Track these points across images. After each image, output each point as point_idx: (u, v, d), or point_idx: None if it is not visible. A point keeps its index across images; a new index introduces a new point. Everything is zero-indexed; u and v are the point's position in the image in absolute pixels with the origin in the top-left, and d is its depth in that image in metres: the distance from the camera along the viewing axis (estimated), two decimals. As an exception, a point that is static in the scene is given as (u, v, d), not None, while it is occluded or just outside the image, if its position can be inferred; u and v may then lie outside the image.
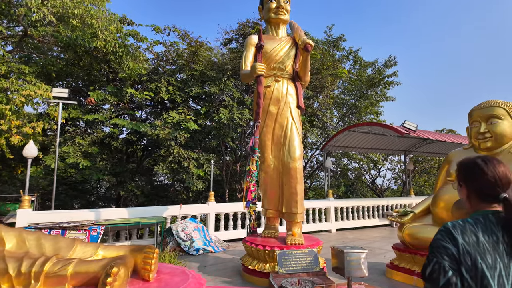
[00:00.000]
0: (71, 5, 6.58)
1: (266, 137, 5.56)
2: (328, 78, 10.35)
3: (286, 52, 5.74)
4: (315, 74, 10.18)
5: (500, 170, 1.24)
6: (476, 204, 1.28)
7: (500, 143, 4.72)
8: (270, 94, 5.57)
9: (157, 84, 9.35)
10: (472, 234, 1.16)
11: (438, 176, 5.62)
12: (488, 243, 1.14)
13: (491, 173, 1.24)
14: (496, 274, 1.11)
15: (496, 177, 1.23)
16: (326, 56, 12.67)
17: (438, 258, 1.17)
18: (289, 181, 5.23)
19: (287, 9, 5.90)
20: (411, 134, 8.48)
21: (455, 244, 1.16)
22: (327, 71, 10.53)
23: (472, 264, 1.12)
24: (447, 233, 1.20)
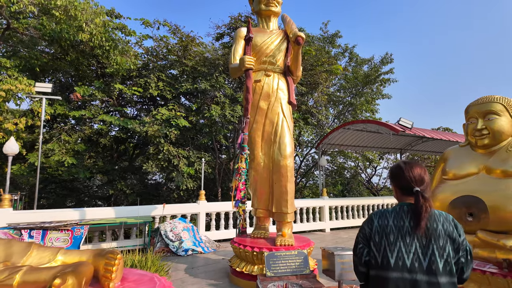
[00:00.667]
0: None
1: (256, 133, 5.36)
2: (323, 74, 10.18)
3: (277, 45, 5.54)
4: (310, 70, 10.01)
5: (416, 171, 1.64)
6: (399, 197, 1.71)
7: (497, 140, 4.55)
8: (260, 89, 5.37)
9: (146, 80, 9.11)
10: (385, 219, 1.62)
11: (434, 174, 5.46)
12: (395, 226, 1.58)
13: (407, 173, 1.64)
14: (396, 249, 1.53)
15: (411, 176, 1.62)
16: (321, 53, 12.51)
17: (358, 235, 1.72)
18: (279, 179, 5.04)
19: (278, 1, 5.70)
20: (406, 131, 8.34)
21: (371, 226, 1.66)
22: (322, 67, 10.35)
23: (378, 240, 1.59)
24: (369, 218, 1.72)
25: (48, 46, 8.79)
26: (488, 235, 3.70)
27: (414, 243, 1.51)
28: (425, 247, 1.50)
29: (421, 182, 1.61)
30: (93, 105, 9.33)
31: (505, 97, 4.61)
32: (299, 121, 9.98)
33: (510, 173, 3.91)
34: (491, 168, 4.08)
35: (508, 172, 3.92)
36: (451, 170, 4.71)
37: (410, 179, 1.61)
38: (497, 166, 4.05)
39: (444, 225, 1.58)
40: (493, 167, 4.08)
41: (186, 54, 9.86)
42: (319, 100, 10.88)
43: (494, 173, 4.03)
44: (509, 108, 4.49)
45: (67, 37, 7.44)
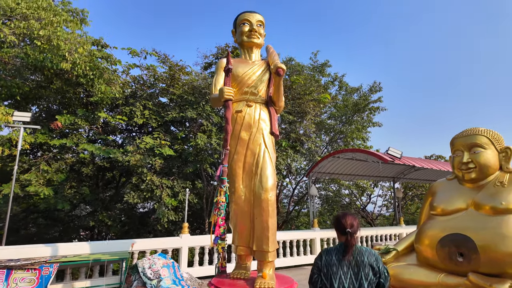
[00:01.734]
0: (37, 26, 6.32)
1: (237, 165, 5.15)
2: (310, 103, 10.20)
3: (259, 76, 5.49)
4: (298, 99, 10.04)
5: (348, 219, 2.38)
6: (339, 237, 2.44)
7: (485, 174, 4.38)
8: (241, 119, 5.24)
9: (131, 108, 9.01)
10: (330, 255, 2.35)
11: (422, 209, 5.24)
12: (336, 260, 2.29)
13: (343, 220, 2.39)
14: (338, 277, 2.24)
15: (345, 223, 2.35)
16: (310, 82, 12.65)
17: (313, 268, 2.43)
18: (261, 214, 4.78)
19: (260, 33, 5.72)
20: (395, 161, 8.21)
21: (321, 261, 2.37)
22: (310, 96, 10.40)
23: (326, 271, 2.29)
24: (319, 255, 2.44)
25: (31, 74, 8.72)
26: (480, 278, 3.43)
27: (349, 272, 2.24)
28: (356, 274, 2.23)
29: (351, 226, 2.34)
30: (75, 133, 9.13)
31: (490, 130, 4.53)
32: (288, 150, 9.86)
33: (499, 210, 3.72)
34: (480, 204, 3.89)
35: (498, 208, 3.72)
36: (439, 205, 4.50)
37: (344, 224, 2.35)
38: (486, 202, 3.87)
39: (369, 258, 2.33)
40: (482, 203, 3.89)
41: (174, 82, 9.86)
42: (307, 128, 10.84)
43: (483, 209, 3.84)
44: (494, 141, 4.37)
45: (50, 66, 7.38)
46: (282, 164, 9.07)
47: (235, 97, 5.40)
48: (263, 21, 5.86)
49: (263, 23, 5.85)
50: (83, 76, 8.02)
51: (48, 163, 8.94)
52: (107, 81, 8.94)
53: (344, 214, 2.42)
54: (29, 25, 6.30)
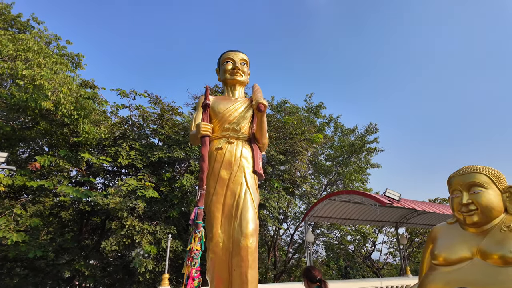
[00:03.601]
0: (21, 66, 6.32)
1: (215, 207, 4.71)
2: (302, 143, 10.00)
3: (242, 112, 5.30)
4: (290, 139, 9.85)
5: (316, 272, 3.41)
6: (310, 286, 3.38)
7: (488, 218, 3.91)
8: (221, 157, 4.92)
9: (117, 149, 8.76)
10: None
11: (422, 257, 4.66)
12: None
13: (313, 271, 3.43)
14: None
15: (316, 273, 3.39)
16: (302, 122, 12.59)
17: None
18: (239, 264, 4.24)
19: (243, 71, 5.66)
20: (394, 204, 7.72)
21: None
22: (302, 136, 10.23)
23: None
24: None
25: (15, 114, 8.63)
26: None
27: None
28: None
29: (319, 275, 3.11)
30: (56, 175, 8.77)
31: (489, 168, 4.16)
32: (280, 191, 9.41)
33: (509, 260, 3.20)
34: (487, 253, 3.39)
35: (507, 258, 3.21)
36: (441, 254, 3.97)
37: (314, 274, 3.16)
38: (493, 250, 3.37)
39: None
40: (488, 251, 3.39)
41: (163, 123, 9.75)
42: (301, 169, 10.50)
43: (490, 258, 3.33)
44: (495, 180, 3.98)
45: (34, 106, 7.28)
46: (275, 207, 8.57)
47: (216, 134, 5.17)
48: (247, 59, 5.84)
49: (247, 61, 5.83)
50: (67, 116, 7.90)
51: (24, 206, 8.45)
52: (94, 121, 8.83)
53: (313, 267, 3.20)
54: (14, 65, 6.31)
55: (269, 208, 8.49)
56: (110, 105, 9.93)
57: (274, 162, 9.09)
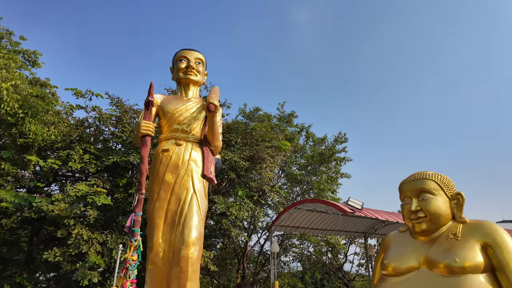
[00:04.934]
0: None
1: (158, 214, 4.36)
2: (268, 150, 9.82)
3: (193, 113, 5.02)
4: (256, 145, 9.65)
5: None
6: None
7: (437, 225, 3.78)
8: (167, 159, 4.60)
9: (69, 152, 8.17)
10: None
11: (374, 268, 4.47)
12: None
13: None
14: None
15: None
16: (275, 130, 12.48)
17: None
18: (178, 276, 3.90)
19: (198, 70, 5.40)
20: (356, 213, 7.62)
21: None
22: (269, 143, 10.06)
23: None
24: None
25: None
26: None
27: None
28: None
29: None
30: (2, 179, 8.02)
31: (439, 174, 4.07)
32: (244, 199, 9.11)
33: (455, 269, 3.04)
34: (433, 262, 3.23)
35: (453, 267, 3.06)
36: (390, 264, 3.78)
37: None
38: (439, 259, 3.21)
39: None
40: (435, 260, 3.23)
41: (122, 126, 9.26)
42: (267, 177, 10.29)
43: (437, 267, 3.17)
44: (443, 186, 3.88)
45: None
46: (237, 215, 8.25)
47: (164, 134, 4.85)
48: (203, 59, 5.60)
49: (202, 61, 5.58)
50: (12, 114, 7.27)
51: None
52: (47, 122, 8.22)
53: (245, 283, 3.01)
54: None
55: (231, 217, 8.15)
56: (63, 106, 9.33)
57: (239, 168, 8.82)
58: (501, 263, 2.84)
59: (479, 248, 3.06)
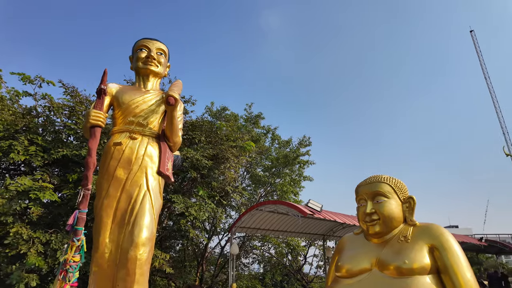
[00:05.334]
0: None
1: (106, 212, 4.06)
2: (232, 149, 9.68)
3: (152, 106, 4.75)
4: (220, 145, 9.47)
5: None
6: None
7: (389, 227, 3.87)
8: (119, 153, 4.29)
9: (11, 142, 7.44)
10: None
11: (329, 270, 4.50)
12: None
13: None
14: None
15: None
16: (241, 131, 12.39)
17: None
18: (124, 279, 3.64)
19: (159, 61, 5.13)
20: (315, 215, 7.72)
21: None
22: (233, 142, 9.93)
23: None
24: None
25: None
26: None
27: None
28: None
29: None
30: None
31: (393, 177, 4.19)
32: (205, 199, 8.89)
33: (403, 270, 3.10)
34: (384, 263, 3.28)
35: (402, 269, 3.11)
36: (344, 266, 3.81)
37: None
38: (389, 260, 3.27)
39: None
40: (386, 262, 3.29)
41: (73, 116, 8.63)
42: (230, 177, 10.15)
43: (387, 269, 3.22)
44: (397, 190, 3.99)
45: None
46: (196, 216, 8.01)
47: (117, 127, 4.53)
48: (165, 50, 5.33)
49: (165, 52, 5.31)
50: None
51: None
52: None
53: (194, 285, 2.73)
54: None
55: (189, 217, 7.90)
56: (8, 91, 8.47)
57: (201, 167, 8.59)
58: (445, 265, 2.92)
59: (427, 250, 3.14)
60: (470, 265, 2.87)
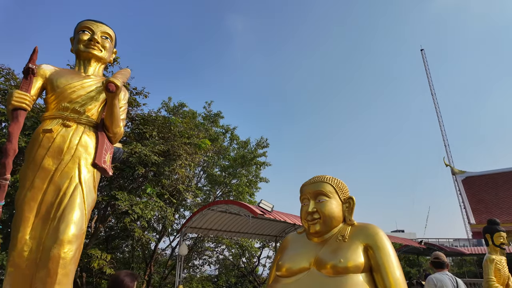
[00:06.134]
0: None
1: (28, 205, 3.66)
2: (186, 146, 9.40)
3: (91, 92, 4.40)
4: (173, 140, 9.14)
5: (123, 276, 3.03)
6: None
7: (329, 227, 3.93)
8: (48, 141, 3.91)
9: None
10: None
11: (271, 269, 4.48)
12: None
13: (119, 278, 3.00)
14: None
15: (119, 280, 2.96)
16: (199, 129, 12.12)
17: None
18: (44, 280, 3.30)
19: (104, 45, 4.78)
20: (266, 215, 7.74)
21: None
22: (187, 139, 9.64)
23: None
24: None
25: None
26: None
27: None
28: None
29: None
30: None
31: (335, 178, 4.29)
32: (153, 197, 8.50)
33: (340, 269, 3.14)
34: (322, 262, 3.31)
35: (338, 267, 3.15)
36: (284, 265, 3.80)
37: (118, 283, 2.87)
38: (326, 259, 3.31)
39: None
40: (322, 261, 3.32)
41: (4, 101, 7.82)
42: (182, 176, 9.84)
43: (324, 268, 3.25)
44: (338, 190, 4.09)
45: None
46: (141, 214, 7.61)
47: (49, 112, 4.13)
48: (111, 34, 4.98)
49: (110, 36, 4.96)
50: None
51: None
52: None
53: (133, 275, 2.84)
54: None
55: (133, 216, 7.47)
56: None
57: (150, 163, 8.19)
58: (377, 263, 3.00)
59: (362, 249, 3.22)
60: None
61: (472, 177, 26.36)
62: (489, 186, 24.49)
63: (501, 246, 6.47)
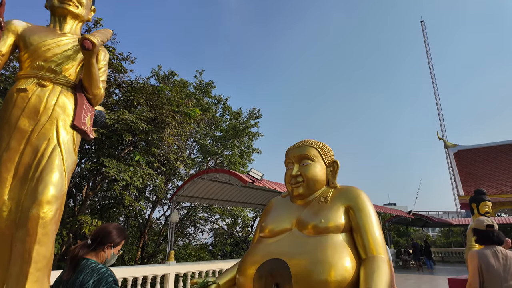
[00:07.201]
0: None
1: (5, 166, 3.60)
2: (175, 115, 9.25)
3: (67, 51, 4.21)
4: (161, 108, 8.98)
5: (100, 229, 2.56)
6: None
7: (312, 190, 3.94)
8: (23, 101, 3.79)
9: None
10: None
11: (256, 230, 4.55)
12: None
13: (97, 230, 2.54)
14: None
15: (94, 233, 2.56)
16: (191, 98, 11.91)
17: None
18: (23, 239, 3.30)
19: (80, 1, 4.51)
20: (256, 183, 7.80)
21: None
22: (176, 108, 9.48)
23: None
24: None
25: None
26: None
27: None
28: None
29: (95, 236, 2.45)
30: None
31: (320, 142, 4.27)
32: (142, 165, 8.48)
33: (320, 229, 3.18)
34: (303, 223, 3.35)
35: (319, 227, 3.19)
36: (267, 226, 3.85)
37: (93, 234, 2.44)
38: (308, 220, 3.34)
39: (85, 277, 2.06)
40: (304, 222, 3.36)
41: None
42: (171, 145, 9.78)
43: (306, 228, 3.29)
44: (323, 154, 4.07)
45: None
46: (130, 182, 7.62)
47: (23, 71, 3.96)
48: (88, -9, 4.68)
49: (88, -7, 4.67)
50: None
51: None
52: None
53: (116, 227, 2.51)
54: None
55: (121, 182, 7.48)
56: None
57: (137, 131, 8.08)
58: (358, 224, 3.03)
59: (343, 211, 3.24)
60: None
61: (464, 151, 26.69)
62: (480, 160, 24.88)
63: (486, 215, 6.64)
